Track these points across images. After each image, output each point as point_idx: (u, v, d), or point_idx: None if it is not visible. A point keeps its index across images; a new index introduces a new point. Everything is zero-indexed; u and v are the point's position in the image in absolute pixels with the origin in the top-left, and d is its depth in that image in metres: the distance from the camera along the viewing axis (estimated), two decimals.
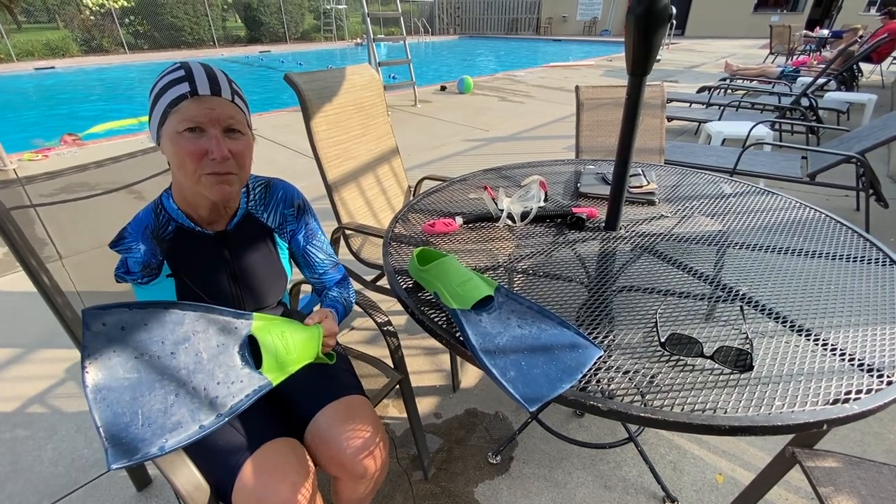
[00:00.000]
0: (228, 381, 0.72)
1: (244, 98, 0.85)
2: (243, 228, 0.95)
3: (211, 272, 0.92)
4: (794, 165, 2.85)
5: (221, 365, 0.73)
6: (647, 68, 0.97)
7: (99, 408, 0.63)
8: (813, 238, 1.13)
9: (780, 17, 17.17)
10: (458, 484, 1.38)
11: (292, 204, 1.02)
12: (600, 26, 21.08)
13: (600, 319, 0.85)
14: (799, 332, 0.80)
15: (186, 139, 0.76)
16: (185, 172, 0.79)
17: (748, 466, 1.40)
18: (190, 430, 0.66)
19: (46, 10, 15.20)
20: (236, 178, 0.83)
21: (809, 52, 9.45)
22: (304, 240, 1.05)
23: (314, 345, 0.86)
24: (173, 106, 0.76)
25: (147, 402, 0.66)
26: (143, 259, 0.87)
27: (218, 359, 0.73)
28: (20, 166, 4.07)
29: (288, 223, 1.02)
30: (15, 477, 1.39)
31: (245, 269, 0.95)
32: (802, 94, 4.27)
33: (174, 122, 0.76)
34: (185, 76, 0.76)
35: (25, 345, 1.94)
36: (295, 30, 17.45)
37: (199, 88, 0.76)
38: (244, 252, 0.95)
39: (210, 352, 0.73)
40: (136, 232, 0.88)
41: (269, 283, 0.98)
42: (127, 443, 0.63)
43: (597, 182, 1.47)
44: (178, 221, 0.89)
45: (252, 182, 0.99)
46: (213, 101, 0.77)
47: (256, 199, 0.98)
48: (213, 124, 0.77)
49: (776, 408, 0.64)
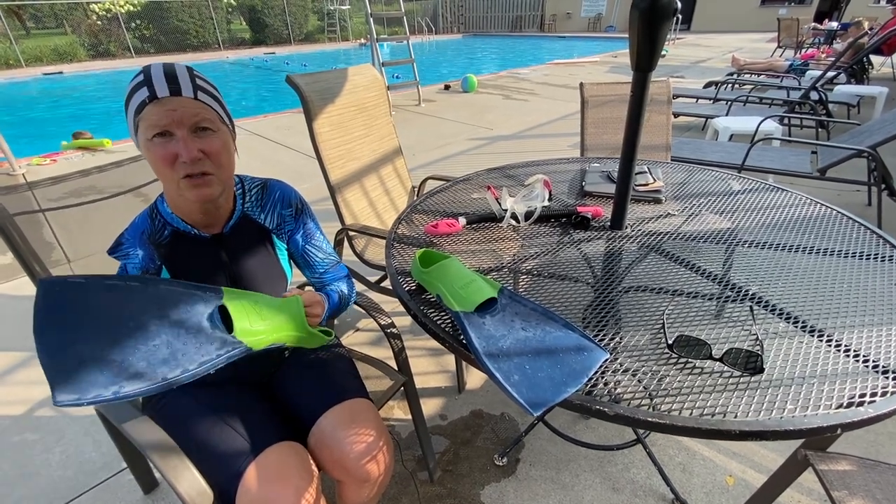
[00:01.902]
0: (198, 343, 0.72)
1: (212, 92, 0.82)
2: (240, 230, 0.94)
3: (209, 275, 0.91)
4: (803, 161, 2.80)
5: (190, 329, 0.73)
6: (653, 64, 0.96)
7: (43, 347, 0.66)
8: (824, 235, 1.11)
9: (787, 10, 16.93)
10: (464, 486, 1.37)
11: (290, 204, 1.01)
12: (605, 22, 20.95)
13: (606, 320, 0.83)
14: (811, 332, 0.78)
15: (157, 145, 0.75)
16: (164, 178, 0.79)
17: (759, 468, 1.38)
18: (153, 382, 0.66)
19: (54, 16, 15.41)
20: (214, 178, 0.81)
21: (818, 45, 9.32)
22: (303, 240, 1.04)
23: (294, 311, 0.84)
24: (138, 113, 0.75)
25: (100, 350, 0.67)
26: (141, 265, 0.87)
27: (185, 323, 0.73)
28: (29, 171, 4.12)
29: (286, 224, 1.01)
30: (24, 481, 1.40)
31: (243, 272, 0.94)
32: (812, 88, 4.20)
33: (143, 129, 0.75)
34: (144, 80, 0.75)
35: (34, 348, 1.95)
36: (299, 31, 17.51)
37: (158, 91, 0.74)
38: (242, 254, 0.94)
39: (177, 317, 0.72)
40: (133, 238, 0.88)
41: (268, 285, 0.97)
42: (76, 383, 0.64)
43: (602, 180, 1.45)
44: (174, 225, 0.89)
45: (248, 184, 0.98)
46: (173, 101, 0.75)
47: (252, 200, 0.97)
48: (178, 126, 0.75)
49: (788, 411, 0.62)
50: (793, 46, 9.66)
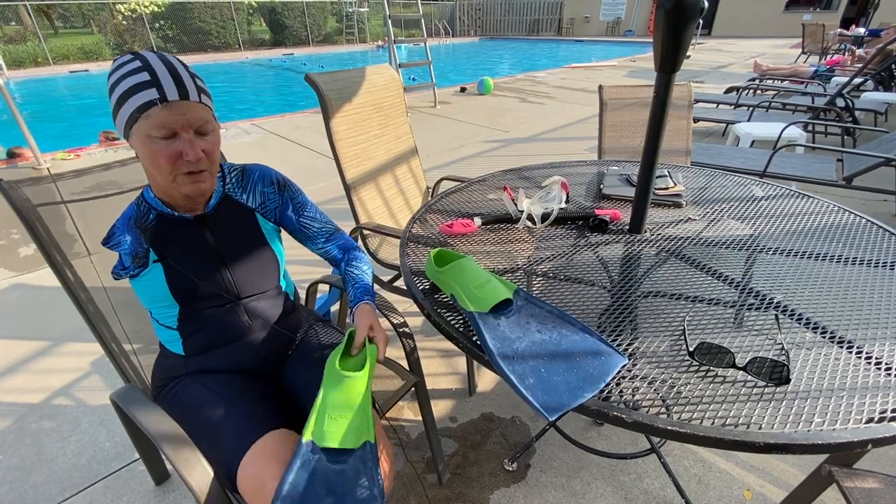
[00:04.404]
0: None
1: (208, 92, 0.85)
2: (223, 211, 0.96)
3: (195, 254, 0.93)
4: (828, 168, 2.73)
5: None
6: (677, 65, 0.94)
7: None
8: (853, 244, 1.07)
9: (812, 16, 16.59)
10: (473, 490, 1.35)
11: (271, 181, 1.02)
12: (623, 27, 20.74)
13: (624, 326, 0.81)
14: (839, 343, 0.75)
15: (160, 144, 0.78)
16: (160, 172, 0.81)
17: (778, 483, 1.34)
18: None
19: (81, 16, 15.82)
20: (208, 173, 0.85)
21: (844, 51, 9.09)
22: (295, 213, 1.05)
23: (369, 370, 0.87)
24: (142, 111, 0.76)
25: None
26: (130, 249, 0.90)
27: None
28: (53, 165, 4.22)
29: (269, 201, 1.02)
30: (40, 467, 1.43)
31: (230, 251, 0.96)
32: (838, 94, 4.10)
33: (145, 126, 0.77)
34: (151, 81, 0.76)
35: (53, 338, 2.00)
36: (318, 33, 17.70)
37: (168, 94, 0.76)
38: (226, 234, 0.96)
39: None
40: (122, 226, 0.91)
41: (258, 264, 0.99)
42: None
43: (621, 183, 1.43)
44: (158, 209, 0.91)
45: (227, 168, 1.00)
46: (182, 105, 0.78)
47: (233, 182, 0.99)
48: (185, 129, 0.79)
49: (816, 424, 0.59)
50: (818, 52, 9.45)
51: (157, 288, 0.92)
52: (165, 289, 0.91)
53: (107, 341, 1.10)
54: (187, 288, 0.93)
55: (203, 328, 0.96)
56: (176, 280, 0.92)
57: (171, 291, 0.92)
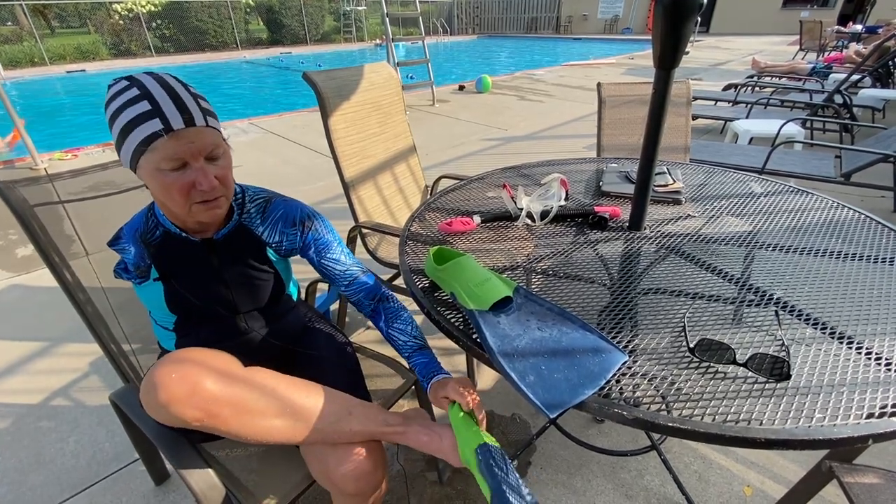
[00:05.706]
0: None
1: (214, 112, 0.81)
2: (233, 238, 0.93)
3: (198, 277, 0.91)
4: (826, 165, 2.73)
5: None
6: (676, 61, 0.93)
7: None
8: (851, 239, 1.07)
9: (809, 13, 16.59)
10: (474, 487, 1.35)
11: (293, 223, 0.97)
12: (622, 24, 20.73)
13: (624, 323, 0.81)
14: (839, 339, 0.75)
15: (171, 177, 0.74)
16: (174, 204, 0.78)
17: (778, 479, 1.34)
18: None
19: (78, 16, 15.77)
20: (224, 199, 0.82)
21: (842, 48, 9.09)
22: (317, 255, 1.00)
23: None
24: (147, 144, 0.72)
25: None
26: (133, 261, 0.89)
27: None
28: (51, 165, 4.21)
29: (287, 242, 0.98)
30: (38, 468, 1.42)
31: (234, 276, 0.94)
32: (836, 91, 4.10)
33: (153, 159, 0.73)
34: (153, 110, 0.71)
35: (52, 338, 1.99)
36: (315, 31, 17.66)
37: (173, 123, 0.71)
38: (233, 261, 0.93)
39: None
40: (129, 234, 0.90)
41: (263, 289, 0.97)
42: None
43: (620, 180, 1.43)
44: (165, 227, 0.89)
45: (250, 195, 0.96)
46: (189, 133, 0.73)
47: (252, 212, 0.95)
48: (195, 157, 0.75)
49: (816, 420, 0.59)
50: (815, 49, 9.45)
51: (156, 299, 0.91)
52: (164, 303, 0.91)
53: (105, 342, 1.09)
54: (186, 306, 0.92)
55: (200, 331, 0.96)
56: (175, 298, 0.91)
57: (170, 308, 0.92)
